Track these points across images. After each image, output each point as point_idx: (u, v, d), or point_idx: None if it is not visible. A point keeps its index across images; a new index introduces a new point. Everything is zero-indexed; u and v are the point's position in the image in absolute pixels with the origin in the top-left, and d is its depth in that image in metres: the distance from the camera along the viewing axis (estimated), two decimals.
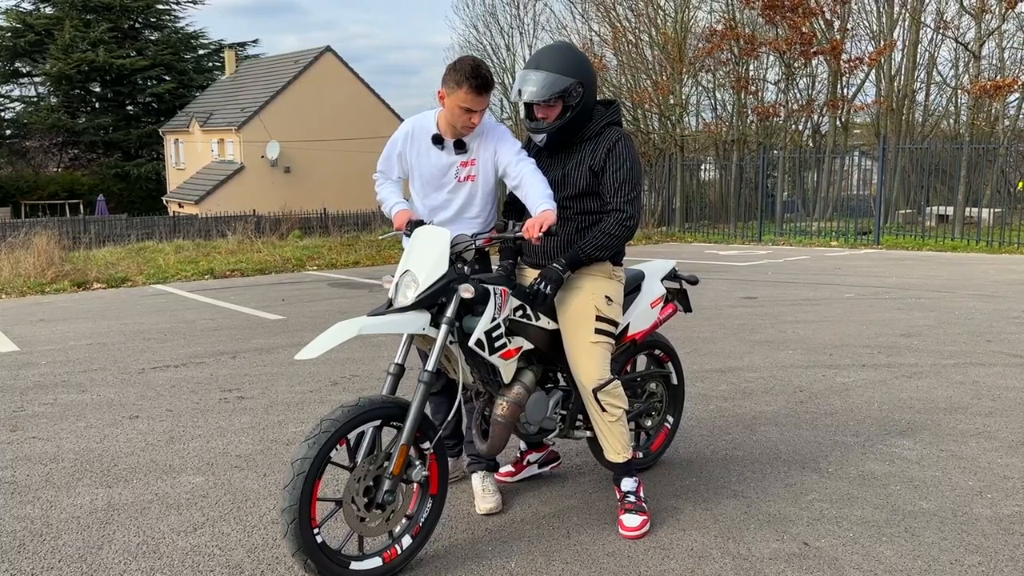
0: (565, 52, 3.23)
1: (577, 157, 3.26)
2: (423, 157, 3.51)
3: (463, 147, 3.44)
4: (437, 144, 3.45)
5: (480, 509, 3.54)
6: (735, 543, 3.19)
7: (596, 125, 3.28)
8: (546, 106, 3.18)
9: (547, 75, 3.13)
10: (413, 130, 3.52)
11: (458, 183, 3.49)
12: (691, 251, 16.13)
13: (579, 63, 3.18)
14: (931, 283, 10.44)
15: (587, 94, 3.17)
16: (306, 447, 2.68)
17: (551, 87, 3.12)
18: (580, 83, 3.14)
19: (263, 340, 7.43)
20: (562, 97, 3.14)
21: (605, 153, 3.21)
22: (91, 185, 40.12)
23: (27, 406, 5.31)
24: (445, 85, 3.28)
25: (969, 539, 3.20)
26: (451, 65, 3.28)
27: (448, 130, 3.42)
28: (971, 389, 5.32)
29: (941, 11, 25.03)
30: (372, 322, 2.85)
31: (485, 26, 34.78)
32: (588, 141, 3.27)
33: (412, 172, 3.57)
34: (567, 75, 3.13)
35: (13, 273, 11.99)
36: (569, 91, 3.13)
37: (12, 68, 43.36)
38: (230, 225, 19.81)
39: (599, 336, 3.22)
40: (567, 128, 3.21)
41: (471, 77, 3.19)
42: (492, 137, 3.45)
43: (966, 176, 19.96)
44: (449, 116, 3.34)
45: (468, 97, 3.22)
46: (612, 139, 3.22)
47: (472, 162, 3.47)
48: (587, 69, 3.19)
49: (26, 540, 3.32)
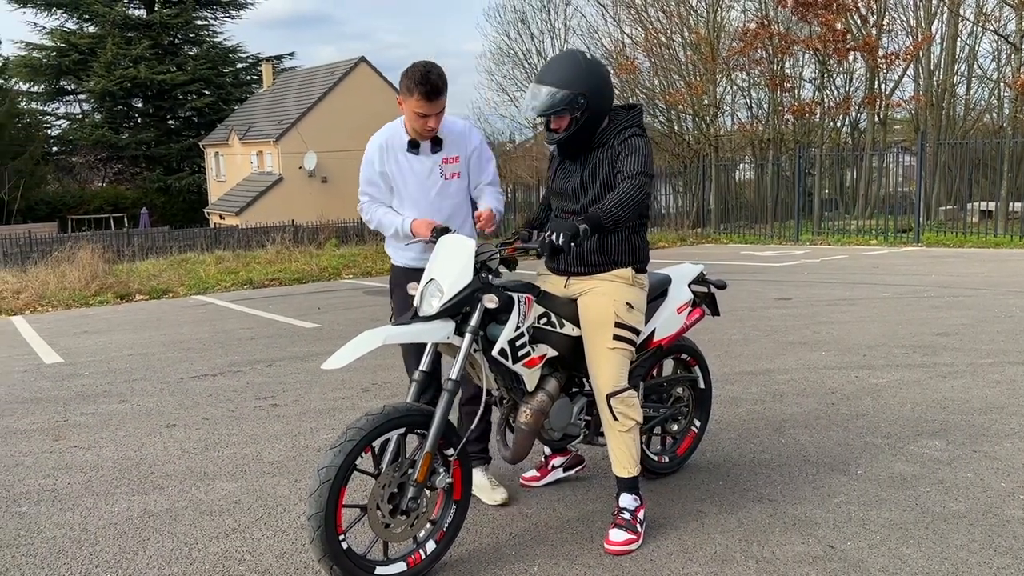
0: (566, 64, 3.21)
1: (595, 161, 3.28)
2: (403, 167, 3.55)
3: (439, 144, 3.52)
4: (413, 150, 3.52)
5: (493, 501, 3.65)
6: (759, 546, 3.18)
7: (614, 130, 3.28)
8: (557, 117, 3.20)
9: (547, 89, 3.16)
10: (385, 144, 3.56)
11: (445, 181, 3.56)
12: (726, 252, 16.02)
13: (580, 73, 3.17)
14: (971, 281, 10.25)
15: (592, 102, 3.17)
16: (332, 455, 2.74)
17: (551, 101, 3.15)
18: (581, 94, 3.14)
19: (298, 348, 7.55)
20: (567, 108, 3.16)
21: (619, 146, 3.23)
22: (135, 199, 41.01)
23: (70, 416, 5.47)
24: (400, 92, 3.39)
25: (999, 541, 3.16)
26: (404, 71, 3.35)
27: (413, 134, 3.50)
28: (1008, 388, 5.23)
29: (980, 3, 24.53)
30: (397, 331, 2.91)
31: (516, 32, 34.84)
32: (606, 146, 3.28)
33: (396, 185, 3.58)
34: (567, 87, 3.14)
35: (59, 286, 12.31)
36: (571, 102, 3.14)
37: (57, 86, 44.50)
38: (269, 235, 20.12)
39: (617, 343, 3.22)
40: (576, 136, 3.23)
41: (420, 84, 3.28)
42: (475, 147, 3.61)
43: (1009, 171, 19.56)
44: (409, 122, 3.45)
45: (420, 103, 3.31)
46: (627, 135, 3.24)
47: (456, 159, 3.57)
48: (590, 78, 3.17)
49: (65, 546, 3.43)
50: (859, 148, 26.02)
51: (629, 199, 3.06)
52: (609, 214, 3.02)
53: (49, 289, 12.17)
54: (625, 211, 3.05)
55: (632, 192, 3.08)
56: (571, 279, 3.37)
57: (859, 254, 14.62)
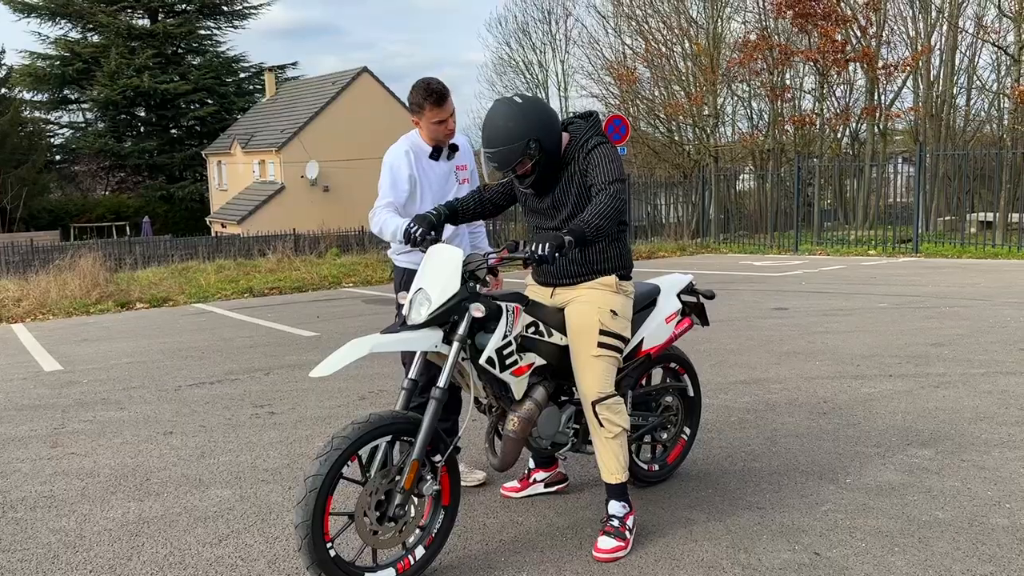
0: (504, 117, 3.21)
1: (564, 178, 3.33)
2: (428, 171, 3.91)
3: (455, 149, 3.96)
4: (435, 156, 3.91)
5: (472, 482, 3.97)
6: (746, 554, 3.21)
7: (576, 144, 3.33)
8: (519, 166, 3.24)
9: (497, 151, 3.19)
10: (411, 151, 3.87)
11: (459, 185, 3.99)
12: (725, 262, 16.05)
13: (521, 120, 3.18)
14: (968, 291, 10.28)
15: (544, 139, 3.21)
16: (318, 464, 2.78)
17: (505, 159, 3.20)
18: (530, 139, 3.17)
19: (296, 356, 7.59)
20: (524, 155, 3.20)
21: (584, 158, 3.28)
22: (137, 207, 41.18)
23: (68, 423, 5.51)
24: (412, 112, 3.82)
25: (983, 549, 3.19)
26: (409, 95, 3.81)
27: (435, 143, 3.89)
28: (999, 399, 5.26)
29: (979, 15, 24.65)
30: (385, 340, 2.96)
31: (518, 43, 35.07)
32: (572, 162, 3.32)
33: (421, 188, 3.89)
34: (515, 140, 3.17)
35: (60, 294, 12.36)
36: (524, 150, 3.18)
37: (61, 95, 44.76)
38: (270, 244, 20.16)
39: (602, 350, 3.27)
40: (544, 173, 3.30)
41: (427, 96, 3.71)
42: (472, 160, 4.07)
43: (1008, 182, 19.61)
44: (430, 133, 3.84)
45: (433, 111, 3.74)
46: (590, 147, 3.29)
47: (465, 167, 4.04)
48: (532, 120, 3.19)
49: (60, 551, 3.47)
50: (859, 159, 26.10)
51: (608, 208, 3.12)
52: (591, 226, 3.08)
53: (50, 297, 12.22)
54: (606, 221, 3.11)
55: (609, 202, 3.14)
56: (557, 289, 3.43)
57: (857, 264, 14.66)
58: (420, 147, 3.89)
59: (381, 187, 3.84)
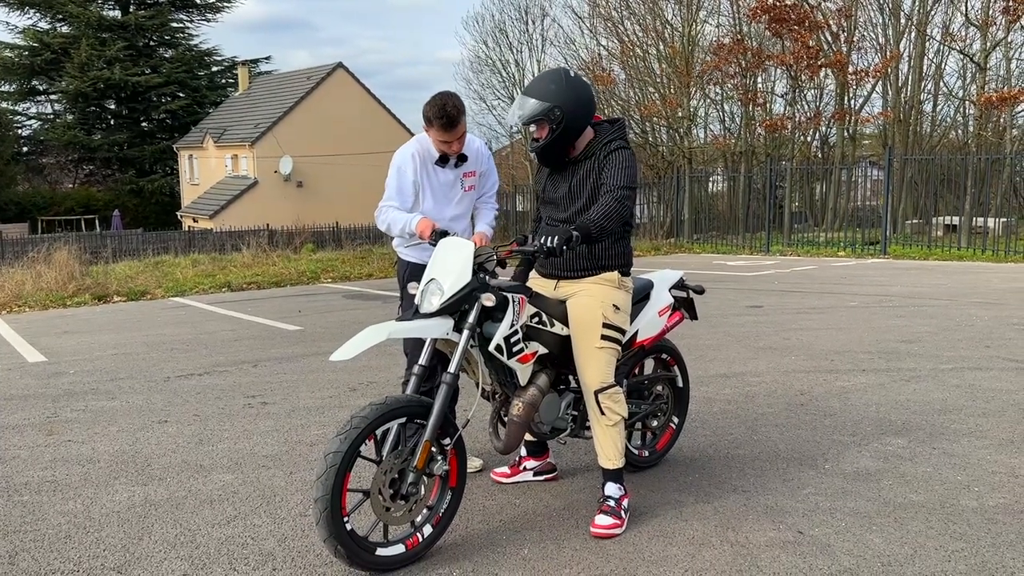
0: (549, 79, 3.48)
1: (583, 172, 3.52)
2: (433, 176, 4.01)
3: (463, 159, 4.00)
4: (442, 163, 3.98)
5: (471, 469, 4.00)
6: (734, 532, 3.40)
7: (599, 143, 3.53)
8: (539, 126, 3.48)
9: (527, 100, 3.44)
10: (416, 154, 3.98)
11: (464, 192, 4.09)
12: (699, 262, 16.35)
13: (560, 88, 3.42)
14: (935, 292, 10.62)
15: (568, 115, 3.42)
16: (338, 441, 2.92)
17: (528, 111, 3.43)
18: (557, 107, 3.39)
19: (282, 350, 7.68)
20: (545, 119, 3.42)
21: (604, 158, 3.49)
22: (106, 201, 40.70)
23: (60, 412, 5.57)
24: (424, 121, 3.83)
25: (954, 528, 3.41)
26: (425, 103, 3.76)
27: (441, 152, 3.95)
28: (966, 392, 5.52)
29: (947, 23, 25.23)
30: (400, 327, 3.12)
31: (495, 42, 35.14)
32: (592, 158, 3.51)
33: (424, 191, 3.99)
34: (545, 100, 3.40)
35: (35, 287, 12.30)
36: (548, 114, 3.41)
37: (29, 86, 44.05)
38: (244, 239, 20.13)
39: (604, 342, 3.45)
40: (554, 145, 3.49)
41: (438, 117, 3.71)
42: (486, 163, 4.15)
43: (972, 186, 20.12)
44: (436, 147, 3.91)
45: (440, 133, 3.78)
46: (612, 148, 3.50)
47: (473, 174, 4.10)
48: (568, 93, 3.42)
49: (71, 532, 3.56)
50: (829, 162, 26.58)
51: (613, 211, 3.34)
52: (596, 225, 3.30)
53: (25, 289, 12.15)
54: (610, 222, 3.33)
55: (616, 206, 3.35)
56: (560, 282, 3.62)
57: (828, 265, 15.01)
58: (428, 151, 3.96)
59: (388, 187, 3.99)
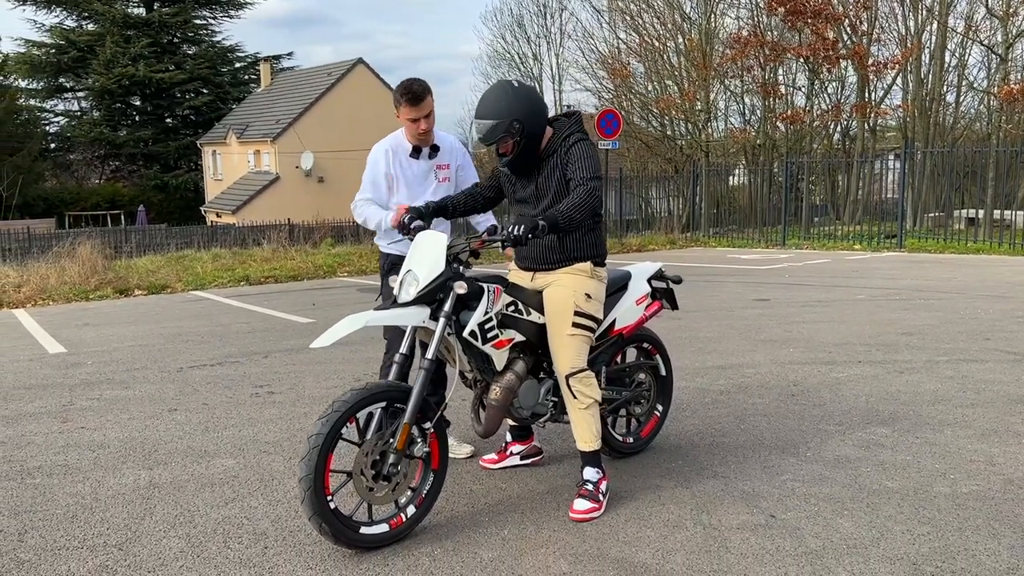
0: (496, 96, 3.54)
1: (547, 169, 3.65)
2: (406, 169, 4.22)
3: (436, 150, 4.23)
4: (415, 155, 4.20)
5: (461, 455, 4.30)
6: (708, 515, 3.53)
7: (559, 138, 3.65)
8: (502, 143, 3.58)
9: (485, 123, 3.53)
10: (391, 149, 4.19)
11: (438, 184, 4.28)
12: (713, 255, 16.38)
13: (510, 100, 3.51)
14: (944, 285, 10.62)
15: (527, 124, 3.52)
16: (320, 424, 3.08)
17: (490, 132, 3.53)
18: (515, 119, 3.49)
19: (293, 341, 7.87)
20: (507, 134, 3.52)
21: (566, 153, 3.61)
22: (132, 196, 41.35)
23: (75, 401, 5.79)
24: (395, 108, 4.07)
25: (924, 513, 3.51)
26: (393, 90, 4.07)
27: (415, 141, 4.17)
28: (958, 383, 5.59)
29: (968, 14, 24.99)
30: (378, 315, 3.27)
31: (513, 36, 35.37)
32: (555, 154, 3.64)
33: (398, 183, 4.20)
34: (501, 117, 3.50)
35: (59, 281, 12.61)
36: (508, 128, 3.51)
37: (56, 83, 44.82)
38: (265, 234, 20.43)
39: (576, 329, 3.59)
40: (523, 155, 3.61)
41: (404, 94, 3.98)
42: (461, 158, 4.35)
43: (994, 179, 19.96)
44: (407, 130, 4.15)
45: (408, 109, 4.01)
46: (571, 142, 3.62)
47: (447, 166, 4.31)
48: (520, 102, 3.51)
49: (78, 512, 3.76)
50: (849, 155, 26.43)
51: (583, 203, 3.44)
52: (565, 216, 3.40)
53: (50, 283, 12.46)
54: (580, 213, 3.43)
55: (586, 198, 3.46)
56: (536, 274, 3.76)
57: (842, 258, 15.00)
58: (401, 145, 4.20)
59: (363, 180, 4.22)
